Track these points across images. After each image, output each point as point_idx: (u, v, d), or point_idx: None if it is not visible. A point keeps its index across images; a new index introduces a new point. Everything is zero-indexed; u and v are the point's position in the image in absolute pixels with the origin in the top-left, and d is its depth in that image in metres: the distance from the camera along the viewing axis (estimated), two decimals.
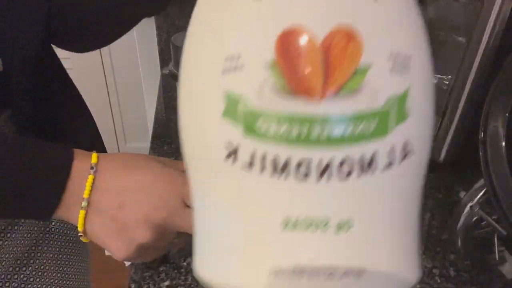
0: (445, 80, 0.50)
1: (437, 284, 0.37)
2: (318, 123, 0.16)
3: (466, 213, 0.36)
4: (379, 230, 0.18)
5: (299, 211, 0.17)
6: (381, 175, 0.17)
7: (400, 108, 0.17)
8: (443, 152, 0.51)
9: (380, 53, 0.16)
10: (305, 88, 0.16)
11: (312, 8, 0.16)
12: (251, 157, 0.16)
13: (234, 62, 0.16)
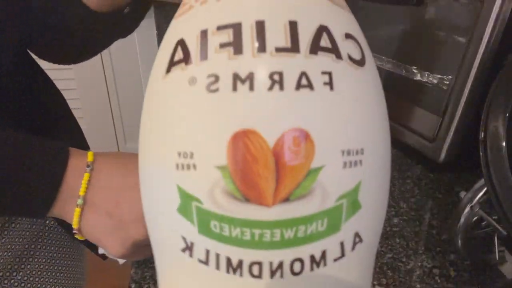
0: (445, 80, 0.50)
1: (437, 284, 0.37)
2: (269, 228, 0.16)
3: (466, 213, 0.36)
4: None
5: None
6: (332, 266, 0.17)
7: (352, 202, 0.17)
8: (443, 152, 0.51)
9: (332, 153, 0.16)
10: (256, 195, 0.15)
11: (264, 110, 0.15)
12: (206, 254, 0.17)
13: (187, 160, 0.16)
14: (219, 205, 0.16)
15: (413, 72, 0.55)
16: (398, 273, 0.38)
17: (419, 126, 0.54)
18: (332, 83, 0.16)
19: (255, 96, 0.15)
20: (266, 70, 0.15)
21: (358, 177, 0.17)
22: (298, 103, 0.15)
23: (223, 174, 0.15)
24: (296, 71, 0.15)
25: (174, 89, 0.17)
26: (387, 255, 0.40)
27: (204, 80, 0.16)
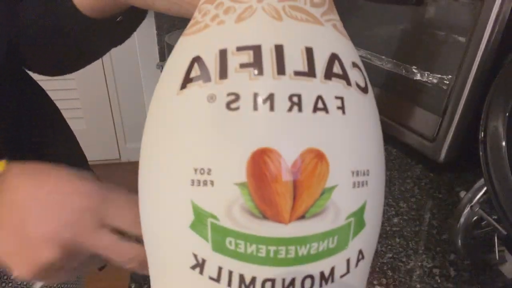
0: (445, 80, 0.50)
1: (437, 284, 0.37)
2: (285, 245, 0.16)
3: (466, 213, 0.36)
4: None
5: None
6: (339, 282, 0.18)
7: (358, 221, 0.18)
8: (443, 152, 0.51)
9: (344, 172, 0.17)
10: (274, 212, 0.16)
11: (284, 130, 0.16)
12: (218, 272, 0.17)
13: (204, 176, 0.16)
14: (236, 222, 0.16)
15: (413, 72, 0.55)
16: (398, 273, 0.38)
17: (419, 126, 0.54)
18: (344, 108, 0.17)
19: (275, 116, 0.16)
20: (286, 92, 0.16)
21: (364, 197, 0.18)
22: (315, 125, 0.16)
23: (242, 191, 0.16)
24: (313, 94, 0.16)
25: (191, 105, 0.17)
26: (387, 255, 0.40)
27: (224, 98, 0.16)
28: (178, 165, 0.17)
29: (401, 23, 0.58)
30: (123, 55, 1.81)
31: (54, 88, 2.05)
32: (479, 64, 0.45)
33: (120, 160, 2.08)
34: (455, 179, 0.53)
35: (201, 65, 0.17)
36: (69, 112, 2.13)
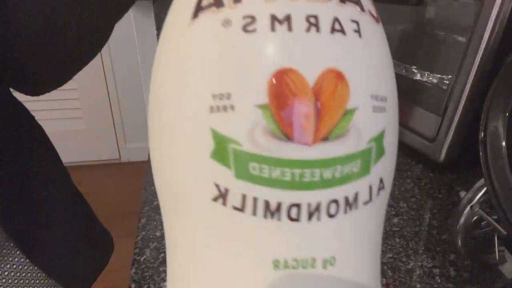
0: (445, 80, 0.50)
1: (437, 284, 0.37)
2: (309, 168, 0.16)
3: (466, 213, 0.36)
4: (359, 263, 0.19)
5: (288, 253, 0.17)
6: (362, 211, 0.18)
7: (379, 147, 0.18)
8: (443, 152, 0.51)
9: (364, 95, 0.17)
10: (298, 133, 0.16)
11: (303, 51, 0.16)
12: (242, 200, 0.16)
13: (224, 102, 0.16)
14: (259, 146, 0.15)
15: (413, 72, 0.55)
16: (398, 273, 0.38)
17: (419, 126, 0.54)
18: (360, 31, 0.17)
19: (293, 36, 0.16)
20: (303, 12, 0.16)
21: (383, 123, 0.18)
22: (333, 45, 0.16)
23: (264, 113, 0.15)
24: (330, 16, 0.16)
25: (206, 33, 0.16)
26: (387, 255, 0.40)
27: (240, 21, 0.16)
28: (194, 94, 0.16)
29: (401, 23, 0.58)
30: (123, 55, 1.81)
31: None
32: (479, 64, 0.45)
33: (120, 160, 2.08)
34: (455, 179, 0.53)
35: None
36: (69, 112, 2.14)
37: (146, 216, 0.45)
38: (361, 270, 0.19)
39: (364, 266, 0.19)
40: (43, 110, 1.84)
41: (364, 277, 0.19)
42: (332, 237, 0.17)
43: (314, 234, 0.17)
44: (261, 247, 0.17)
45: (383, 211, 0.20)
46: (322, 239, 0.17)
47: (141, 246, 0.41)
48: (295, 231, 0.16)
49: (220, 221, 0.17)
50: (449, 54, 0.50)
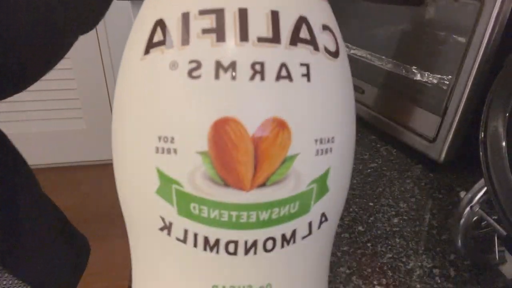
0: (445, 80, 0.50)
1: (437, 284, 0.37)
2: (246, 210, 0.17)
3: (466, 213, 0.36)
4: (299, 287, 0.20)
5: (226, 281, 0.18)
6: (300, 243, 0.18)
7: (321, 187, 0.18)
8: (443, 152, 0.51)
9: (306, 141, 0.17)
10: (235, 180, 0.16)
11: (245, 100, 0.16)
12: (184, 234, 0.17)
13: (168, 145, 0.16)
14: (198, 189, 0.16)
15: (413, 72, 0.55)
16: (398, 273, 0.38)
17: (419, 126, 0.54)
18: (309, 75, 0.16)
19: (237, 85, 0.16)
20: (248, 59, 0.16)
21: (328, 163, 0.18)
22: (277, 93, 0.16)
23: (203, 159, 0.16)
24: (277, 62, 0.16)
25: (154, 72, 0.17)
26: (387, 255, 0.40)
27: (185, 65, 0.16)
28: (143, 133, 0.17)
29: (401, 23, 0.58)
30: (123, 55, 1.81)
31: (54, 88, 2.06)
32: (479, 64, 0.45)
33: None
34: (455, 179, 0.53)
35: (163, 30, 0.16)
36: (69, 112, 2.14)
37: None
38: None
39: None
40: (43, 110, 1.84)
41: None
42: (269, 267, 0.18)
43: (250, 265, 0.18)
44: (202, 274, 0.18)
45: (328, 239, 0.21)
46: (259, 269, 0.18)
47: None
48: (233, 262, 0.18)
49: (166, 248, 0.18)
50: (449, 54, 0.50)
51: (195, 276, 0.18)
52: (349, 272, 0.38)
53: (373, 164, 0.56)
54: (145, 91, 0.17)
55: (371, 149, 0.60)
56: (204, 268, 0.18)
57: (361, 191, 0.50)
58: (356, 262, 0.39)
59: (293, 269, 0.19)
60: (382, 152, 0.60)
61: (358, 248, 0.41)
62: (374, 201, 0.48)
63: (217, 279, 0.18)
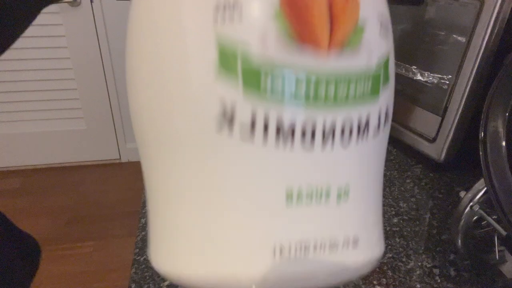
0: (445, 80, 0.50)
1: (437, 284, 0.37)
2: (324, 81, 0.15)
3: (466, 213, 0.36)
4: (370, 195, 0.19)
5: (303, 180, 0.16)
6: (372, 140, 0.18)
7: (385, 72, 0.18)
8: (443, 152, 0.51)
9: (372, 14, 0.17)
10: (313, 37, 0.14)
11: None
12: (251, 123, 0.14)
13: (230, 10, 0.14)
14: (271, 52, 0.14)
15: (413, 72, 0.55)
16: (398, 273, 0.38)
17: (419, 126, 0.54)
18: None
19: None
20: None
21: (388, 48, 0.18)
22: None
23: (276, 16, 0.14)
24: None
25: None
26: (387, 255, 0.40)
27: None
28: (197, 5, 0.15)
29: (401, 23, 0.58)
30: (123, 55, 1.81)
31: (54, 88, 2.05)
32: (479, 64, 0.45)
33: (120, 160, 2.08)
34: (455, 179, 0.53)
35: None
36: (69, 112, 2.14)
37: (146, 216, 0.45)
38: (371, 207, 0.19)
39: (374, 202, 0.19)
40: (44, 110, 1.84)
41: (374, 216, 0.19)
42: (346, 166, 0.17)
43: (327, 163, 0.16)
44: (274, 179, 0.15)
45: (385, 148, 0.20)
46: (336, 167, 0.16)
47: (141, 246, 0.41)
48: (309, 160, 0.15)
49: (225, 156, 0.15)
50: (449, 54, 0.50)
51: (267, 182, 0.15)
52: None
53: None
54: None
55: None
56: (277, 169, 0.15)
57: None
58: None
59: (367, 169, 0.18)
60: None
61: None
62: None
63: (292, 180, 0.15)
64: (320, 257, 0.16)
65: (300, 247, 0.16)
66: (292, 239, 0.16)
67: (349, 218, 0.17)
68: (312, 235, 0.16)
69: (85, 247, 1.54)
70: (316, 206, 0.16)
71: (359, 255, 0.18)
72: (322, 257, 0.16)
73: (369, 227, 0.19)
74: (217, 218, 0.16)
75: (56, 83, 1.80)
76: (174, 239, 0.17)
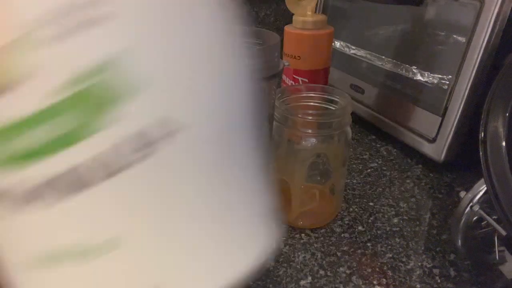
0: (445, 80, 0.50)
1: (437, 284, 0.37)
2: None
3: (466, 213, 0.36)
4: (164, 238, 0.15)
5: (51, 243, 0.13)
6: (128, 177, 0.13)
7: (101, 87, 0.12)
8: (443, 152, 0.51)
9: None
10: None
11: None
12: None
13: None
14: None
15: (413, 72, 0.55)
16: (398, 273, 0.38)
17: (419, 126, 0.54)
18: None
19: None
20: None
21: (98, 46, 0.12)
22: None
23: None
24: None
25: None
26: (387, 255, 0.40)
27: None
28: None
29: (401, 23, 0.58)
30: None
31: None
32: (479, 64, 0.45)
33: None
34: (455, 179, 0.53)
35: None
36: None
37: None
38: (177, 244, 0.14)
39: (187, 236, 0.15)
40: None
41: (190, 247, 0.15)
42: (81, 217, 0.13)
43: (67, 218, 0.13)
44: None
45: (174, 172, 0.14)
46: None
47: None
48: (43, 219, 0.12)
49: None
50: (449, 54, 0.50)
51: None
52: (349, 272, 0.38)
53: (373, 164, 0.56)
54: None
55: (371, 149, 0.60)
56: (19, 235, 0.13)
57: (361, 191, 0.50)
58: (356, 262, 0.39)
59: (137, 211, 0.13)
60: (382, 152, 0.60)
61: (358, 248, 0.41)
62: (374, 201, 0.48)
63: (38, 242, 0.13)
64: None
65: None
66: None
67: (130, 271, 0.14)
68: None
69: None
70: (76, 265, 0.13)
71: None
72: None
73: (181, 266, 0.15)
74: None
75: None
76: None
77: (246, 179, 0.16)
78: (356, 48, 0.66)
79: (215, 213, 0.15)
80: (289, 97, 0.43)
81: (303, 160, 0.40)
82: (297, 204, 0.42)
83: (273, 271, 0.38)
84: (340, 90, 0.42)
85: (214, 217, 0.15)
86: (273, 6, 1.07)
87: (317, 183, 0.42)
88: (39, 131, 0.11)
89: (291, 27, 0.55)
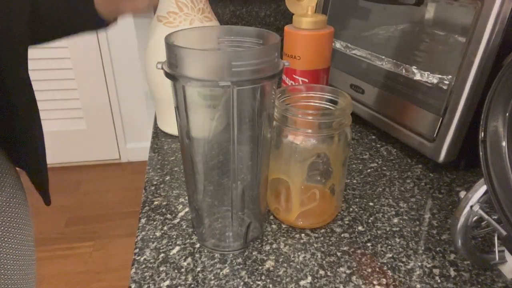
0: (445, 80, 0.50)
1: (437, 284, 0.37)
2: None
3: (466, 213, 0.36)
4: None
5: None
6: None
7: None
8: (443, 152, 0.51)
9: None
10: None
11: None
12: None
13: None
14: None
15: (413, 72, 0.55)
16: (398, 273, 0.38)
17: (419, 126, 0.54)
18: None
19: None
20: None
21: None
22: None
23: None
24: None
25: None
26: (387, 255, 0.40)
27: None
28: None
29: (401, 23, 0.58)
30: (123, 55, 1.81)
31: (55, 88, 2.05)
32: (479, 64, 0.45)
33: (120, 160, 2.08)
34: (455, 179, 0.53)
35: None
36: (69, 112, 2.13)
37: (146, 216, 0.45)
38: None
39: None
40: (44, 110, 1.84)
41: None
42: None
43: None
44: None
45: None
46: None
47: (141, 246, 0.41)
48: None
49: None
50: (449, 54, 0.50)
51: None
52: (349, 272, 0.38)
53: (373, 164, 0.56)
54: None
55: (371, 149, 0.60)
56: None
57: (361, 191, 0.50)
58: (356, 262, 0.39)
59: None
60: (382, 152, 0.60)
61: (358, 248, 0.41)
62: (374, 201, 0.48)
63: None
64: None
65: None
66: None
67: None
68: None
69: (84, 247, 1.54)
70: None
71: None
72: None
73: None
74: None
75: (56, 83, 1.80)
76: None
77: None
78: (356, 48, 0.66)
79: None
80: (289, 97, 0.43)
81: (303, 160, 0.40)
82: (297, 204, 0.42)
83: (273, 271, 0.38)
84: (340, 90, 0.42)
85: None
86: (273, 6, 1.07)
87: (317, 183, 0.42)
88: None
89: (291, 27, 0.55)
